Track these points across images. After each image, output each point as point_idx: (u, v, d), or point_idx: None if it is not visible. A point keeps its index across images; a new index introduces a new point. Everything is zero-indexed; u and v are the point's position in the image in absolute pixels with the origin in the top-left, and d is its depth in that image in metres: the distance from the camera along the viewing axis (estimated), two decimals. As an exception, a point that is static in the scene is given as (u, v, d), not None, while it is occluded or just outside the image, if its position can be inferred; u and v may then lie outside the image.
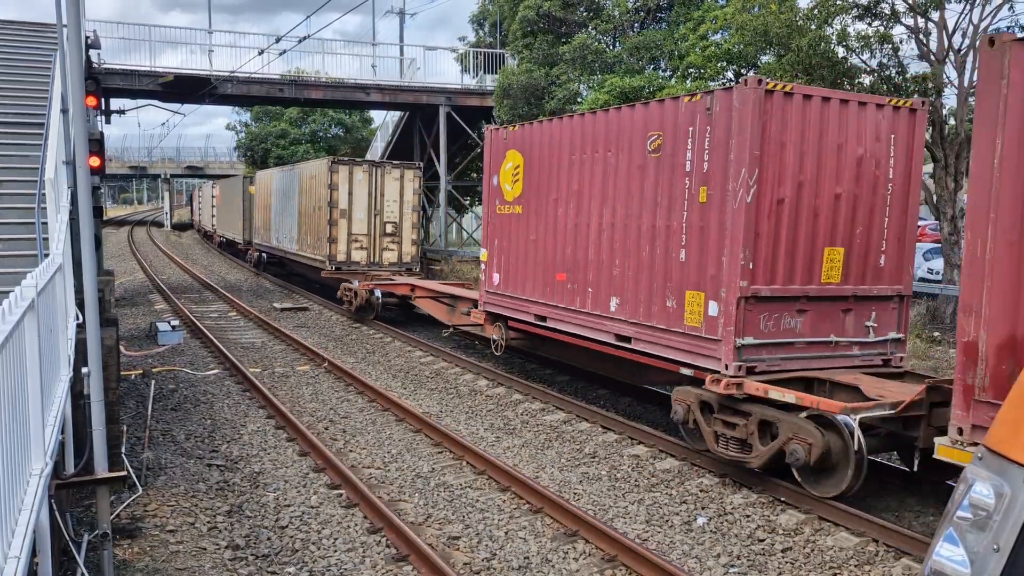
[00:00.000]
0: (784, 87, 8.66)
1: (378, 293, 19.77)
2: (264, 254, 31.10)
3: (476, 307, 14.74)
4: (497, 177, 13.74)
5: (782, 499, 8.39)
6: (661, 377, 10.54)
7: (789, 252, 8.86)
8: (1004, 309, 6.23)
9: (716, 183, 8.88)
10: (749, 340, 8.69)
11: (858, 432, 7.67)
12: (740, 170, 8.49)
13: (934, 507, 8.26)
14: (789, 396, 8.20)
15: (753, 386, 8.47)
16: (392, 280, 20.32)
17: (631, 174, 10.26)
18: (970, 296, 6.44)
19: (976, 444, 6.15)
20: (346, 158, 25.01)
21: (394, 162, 22.80)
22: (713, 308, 8.92)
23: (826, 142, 8.88)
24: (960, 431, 6.45)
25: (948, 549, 2.65)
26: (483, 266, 14.23)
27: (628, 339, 10.36)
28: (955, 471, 7.20)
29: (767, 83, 8.48)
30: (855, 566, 7.01)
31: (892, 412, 7.77)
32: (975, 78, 15.66)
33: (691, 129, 9.21)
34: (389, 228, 22.31)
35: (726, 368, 8.69)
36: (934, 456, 6.79)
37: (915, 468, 8.19)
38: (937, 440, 6.76)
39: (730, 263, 8.66)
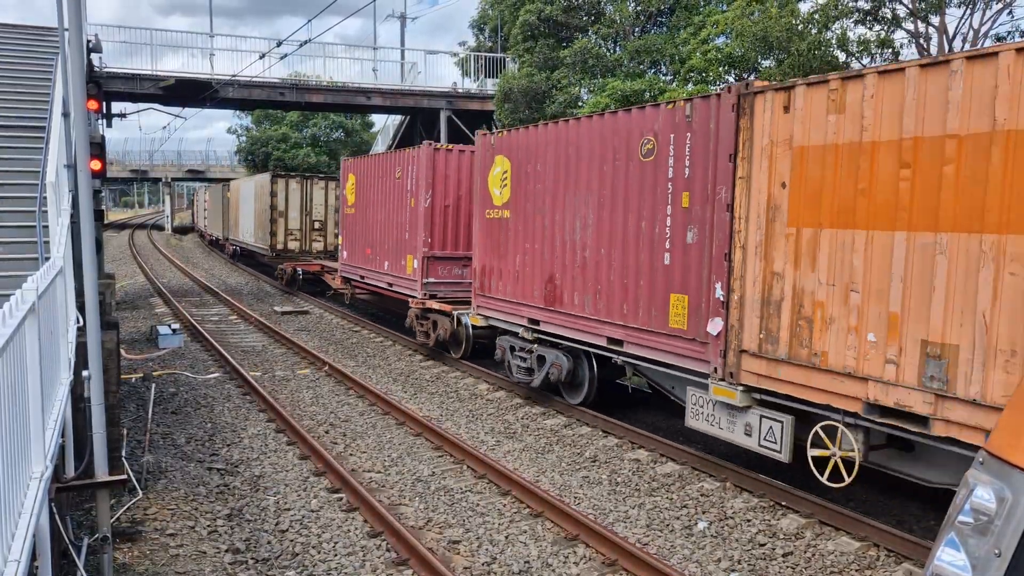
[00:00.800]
0: (446, 147, 16.18)
1: (300, 271, 27.26)
2: (237, 247, 37.83)
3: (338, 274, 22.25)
4: (344, 190, 21.49)
5: (783, 503, 8.38)
6: (405, 307, 17.48)
7: (454, 233, 16.13)
8: (480, 253, 13.62)
9: (417, 196, 16.29)
10: (431, 280, 16.18)
11: (467, 321, 14.57)
12: (421, 190, 16.07)
13: (935, 511, 8.24)
14: (435, 305, 15.74)
15: (431, 304, 15.93)
16: (309, 261, 28.01)
17: (388, 190, 17.98)
18: (474, 246, 13.85)
19: (481, 314, 13.63)
20: (283, 172, 32.70)
21: (320, 174, 30.22)
22: (415, 263, 16.37)
23: (476, 174, 14.31)
24: (473, 308, 13.92)
25: (950, 554, 2.64)
26: (340, 247, 21.76)
27: (391, 284, 17.91)
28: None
29: (435, 145, 16.07)
30: (856, 571, 7.00)
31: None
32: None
33: (410, 167, 16.62)
34: (316, 224, 29.87)
35: (419, 295, 16.18)
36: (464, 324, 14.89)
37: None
38: (466, 315, 14.31)
39: (419, 239, 16.18)
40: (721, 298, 8.62)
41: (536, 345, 12.26)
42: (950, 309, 6.44)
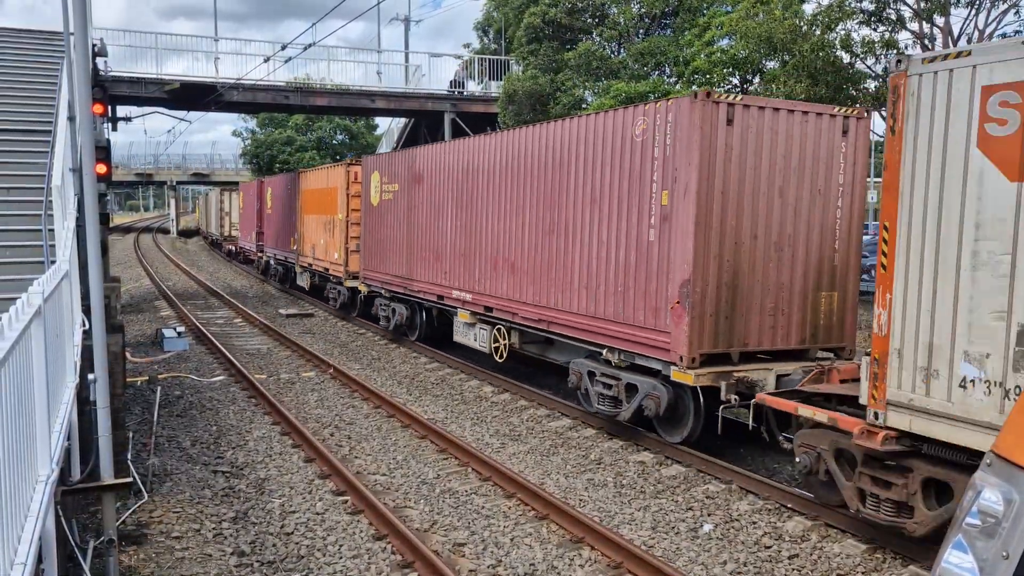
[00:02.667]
0: (267, 180, 33.69)
1: (234, 248, 42.55)
2: (210, 237, 54.35)
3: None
4: (238, 200, 40.80)
5: (789, 505, 8.36)
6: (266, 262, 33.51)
7: (272, 221, 31.13)
8: (264, 230, 33.26)
9: (254, 203, 34.70)
10: (259, 243, 33.86)
11: (267, 259, 32.85)
12: (255, 200, 34.60)
13: (942, 514, 8.21)
14: (260, 254, 34.31)
15: (258, 254, 34.54)
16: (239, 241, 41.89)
17: (250, 201, 35.60)
18: (264, 226, 33.45)
19: (266, 255, 33.48)
20: (228, 185, 50.39)
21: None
22: (253, 237, 34.77)
23: (265, 196, 32.42)
24: (266, 252, 33.30)
25: (957, 556, 2.63)
26: (239, 232, 40.31)
27: (248, 247, 36.94)
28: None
29: (261, 179, 35.86)
30: (862, 573, 6.98)
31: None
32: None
33: (259, 190, 34.23)
34: None
35: (255, 248, 34.96)
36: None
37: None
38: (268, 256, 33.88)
39: (254, 223, 34.54)
40: (296, 237, 26.19)
41: (273, 262, 30.83)
42: (315, 235, 24.13)
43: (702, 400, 9.60)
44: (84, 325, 7.45)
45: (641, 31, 25.20)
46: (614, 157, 10.55)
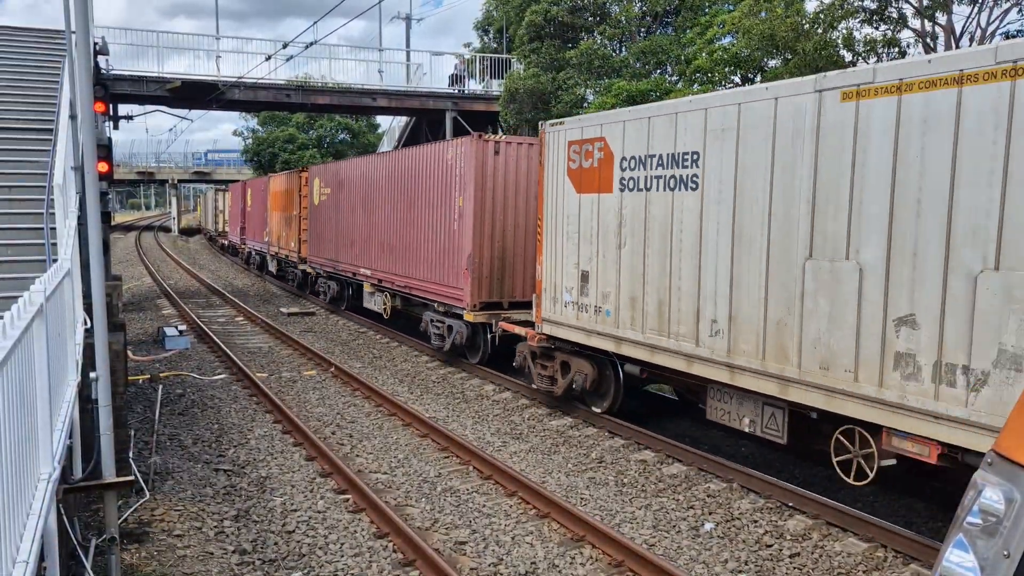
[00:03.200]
0: (249, 182, 38.65)
1: (225, 241, 46.36)
2: (207, 233, 58.76)
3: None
4: (227, 200, 47.21)
5: (790, 504, 8.36)
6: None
7: (252, 218, 35.68)
8: (246, 226, 37.58)
9: (244, 204, 38.10)
10: (244, 236, 37.90)
11: (249, 250, 37.86)
12: (239, 201, 39.74)
13: (943, 512, 8.21)
14: (243, 246, 39.14)
15: (242, 245, 39.10)
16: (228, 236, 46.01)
17: (236, 199, 40.49)
18: (247, 223, 37.65)
19: (249, 247, 38.23)
20: (223, 186, 54.33)
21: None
22: (239, 231, 39.41)
23: (247, 196, 37.16)
24: (249, 244, 38.05)
25: (958, 555, 2.62)
26: (229, 227, 44.65)
27: (233, 241, 42.29)
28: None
29: (244, 182, 39.98)
30: (863, 572, 6.98)
31: (263, 248, 34.55)
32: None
33: (243, 191, 38.85)
34: None
35: (239, 242, 40.04)
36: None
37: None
38: (250, 248, 39.00)
39: (240, 222, 39.21)
40: (267, 231, 31.30)
41: (253, 253, 34.97)
42: (279, 228, 29.80)
43: (490, 335, 14.23)
44: (86, 323, 7.45)
45: (643, 30, 25.19)
46: (439, 175, 15.44)
